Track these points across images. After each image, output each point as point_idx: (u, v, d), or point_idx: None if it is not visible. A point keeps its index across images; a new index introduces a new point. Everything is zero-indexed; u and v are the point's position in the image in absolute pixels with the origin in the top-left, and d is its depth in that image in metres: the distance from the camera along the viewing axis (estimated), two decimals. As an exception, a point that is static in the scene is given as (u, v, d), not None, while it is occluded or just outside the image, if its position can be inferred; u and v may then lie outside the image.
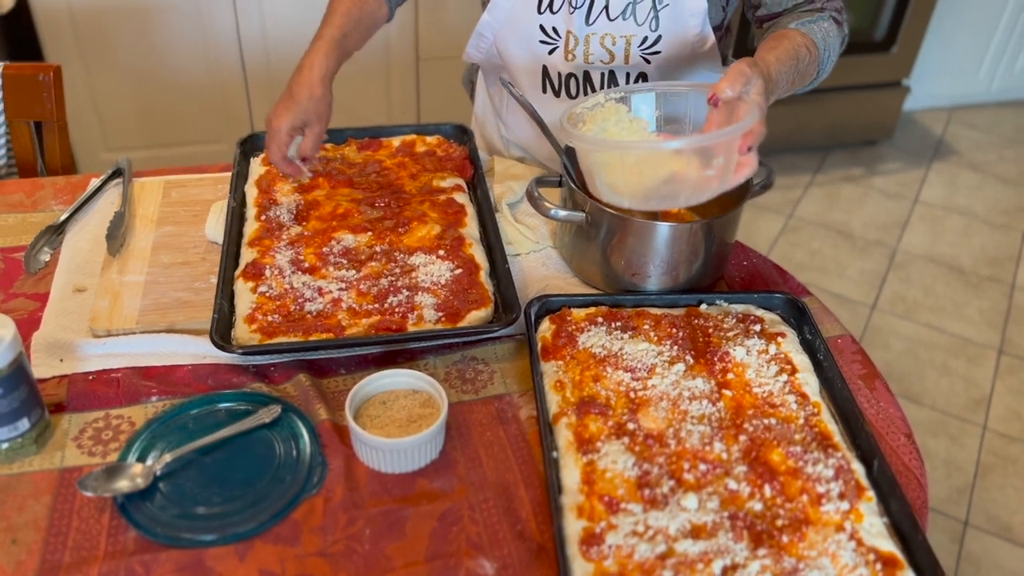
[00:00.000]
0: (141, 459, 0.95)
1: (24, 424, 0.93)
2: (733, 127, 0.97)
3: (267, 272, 1.13)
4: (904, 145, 3.49)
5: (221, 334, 1.04)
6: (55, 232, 1.26)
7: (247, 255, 1.17)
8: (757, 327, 1.10)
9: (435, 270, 1.15)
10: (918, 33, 3.14)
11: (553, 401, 1.00)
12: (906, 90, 3.30)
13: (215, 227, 1.25)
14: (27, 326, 1.11)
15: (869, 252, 2.94)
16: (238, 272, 1.14)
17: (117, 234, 1.23)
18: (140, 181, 1.38)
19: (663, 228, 1.14)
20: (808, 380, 1.04)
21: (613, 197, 1.05)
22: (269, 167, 1.34)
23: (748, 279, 1.26)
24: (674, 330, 1.09)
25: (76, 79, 2.54)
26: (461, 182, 1.33)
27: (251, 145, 1.40)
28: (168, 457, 0.94)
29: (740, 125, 0.96)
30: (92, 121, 2.64)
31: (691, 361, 1.05)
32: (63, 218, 1.28)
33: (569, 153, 1.21)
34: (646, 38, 1.26)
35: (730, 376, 1.04)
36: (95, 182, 1.36)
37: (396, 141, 1.43)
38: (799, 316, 1.13)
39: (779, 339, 1.09)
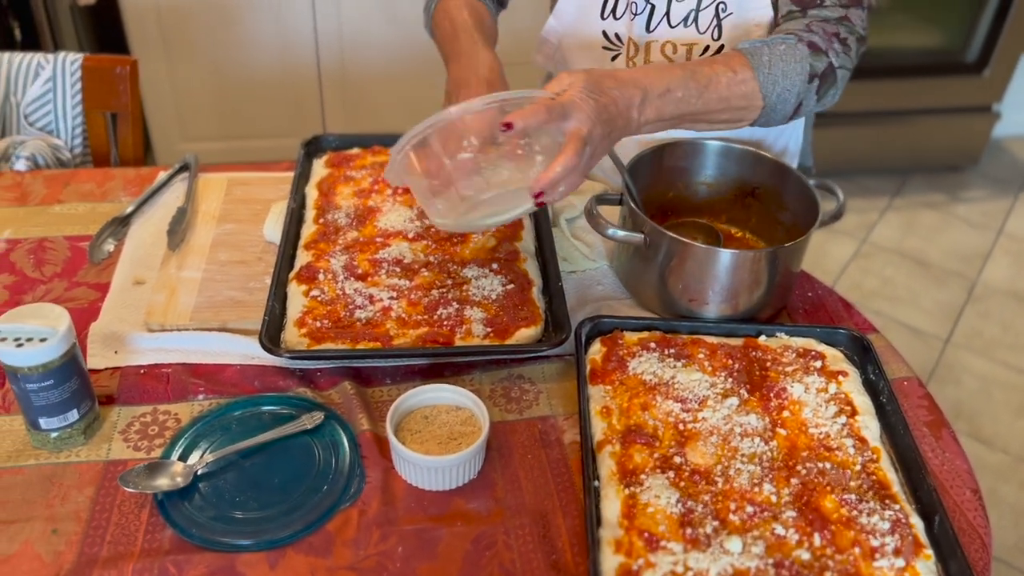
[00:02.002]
0: (183, 458, 0.95)
1: (73, 415, 0.95)
2: (476, 100, 0.93)
3: (320, 276, 1.13)
4: (991, 173, 3.34)
5: (270, 336, 1.04)
6: (120, 224, 1.29)
7: (302, 258, 1.17)
8: (818, 363, 1.05)
9: (487, 284, 1.13)
10: (1012, 57, 3.00)
11: (598, 427, 0.98)
12: (996, 116, 3.16)
13: (273, 227, 1.25)
14: (86, 316, 1.13)
15: (946, 283, 2.82)
16: (292, 275, 1.14)
17: (178, 229, 1.25)
18: (205, 177, 1.39)
19: (725, 255, 1.10)
20: (868, 424, 0.99)
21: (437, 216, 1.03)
22: (332, 169, 1.35)
23: (811, 311, 1.21)
24: (730, 361, 1.05)
25: (158, 70, 2.61)
26: (521, 194, 1.31)
27: (315, 146, 1.41)
28: (210, 457, 0.94)
29: (484, 99, 0.93)
30: (170, 112, 2.71)
31: (745, 395, 1.01)
32: (129, 210, 1.30)
33: (631, 171, 1.18)
34: (708, 47, 1.22)
35: (785, 414, 0.99)
36: (162, 176, 1.39)
37: (458, 149, 1.42)
38: (863, 354, 1.08)
39: (840, 378, 1.04)
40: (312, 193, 1.30)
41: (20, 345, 0.89)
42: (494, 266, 1.16)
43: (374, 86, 2.75)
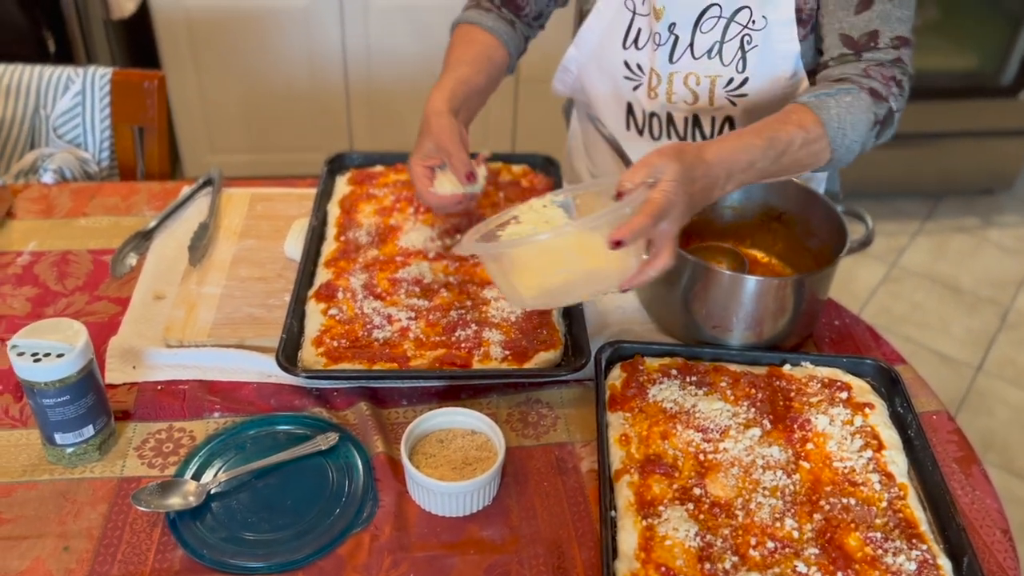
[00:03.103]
0: (197, 476, 0.95)
1: (89, 431, 0.95)
2: (587, 218, 0.93)
3: (339, 295, 1.12)
4: (1025, 197, 3.28)
5: (287, 355, 1.04)
6: (143, 238, 1.29)
7: (322, 275, 1.17)
8: (843, 395, 1.03)
9: (506, 305, 1.12)
10: (1049, 80, 2.95)
11: (616, 456, 0.96)
12: (1032, 139, 3.11)
13: (294, 244, 1.25)
14: (106, 330, 1.13)
15: (978, 309, 2.76)
16: (311, 293, 1.14)
17: (199, 245, 1.25)
18: (228, 192, 1.40)
19: (750, 281, 1.08)
20: (895, 459, 0.96)
21: (514, 297, 1.00)
22: (354, 187, 1.34)
23: (838, 340, 1.18)
24: (753, 390, 1.03)
25: (188, 83, 2.64)
26: (543, 215, 1.30)
27: (338, 164, 1.41)
28: (223, 477, 0.94)
29: (596, 217, 0.92)
30: (199, 124, 2.74)
31: (768, 426, 0.99)
32: (152, 225, 1.31)
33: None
34: (732, 79, 1.20)
35: (809, 447, 0.97)
36: (186, 190, 1.39)
37: (482, 168, 1.41)
38: (891, 386, 1.05)
39: (867, 410, 1.01)
40: (334, 210, 1.30)
41: (37, 360, 0.89)
42: (514, 288, 1.15)
43: (401, 102, 2.76)
